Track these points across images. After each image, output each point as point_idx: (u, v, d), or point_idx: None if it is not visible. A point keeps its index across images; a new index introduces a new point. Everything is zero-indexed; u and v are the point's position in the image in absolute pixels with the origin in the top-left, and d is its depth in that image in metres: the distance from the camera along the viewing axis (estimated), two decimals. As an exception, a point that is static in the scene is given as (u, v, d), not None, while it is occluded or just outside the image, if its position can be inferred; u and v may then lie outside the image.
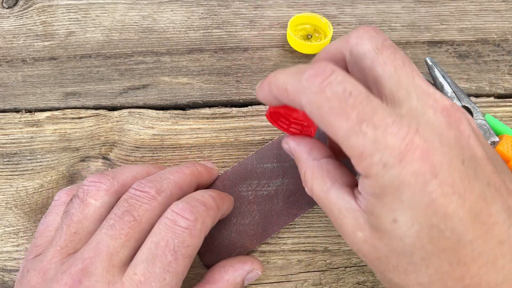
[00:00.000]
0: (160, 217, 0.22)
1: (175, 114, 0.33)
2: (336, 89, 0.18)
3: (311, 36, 0.36)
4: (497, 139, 0.31)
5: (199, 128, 0.33)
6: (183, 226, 0.22)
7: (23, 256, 0.29)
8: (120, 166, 0.31)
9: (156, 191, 0.23)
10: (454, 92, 0.32)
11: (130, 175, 0.25)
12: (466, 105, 0.32)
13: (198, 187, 0.27)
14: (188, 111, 0.33)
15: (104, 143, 0.32)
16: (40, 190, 0.31)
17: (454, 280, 0.18)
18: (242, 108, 0.34)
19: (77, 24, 0.37)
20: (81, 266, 0.21)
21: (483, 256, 0.17)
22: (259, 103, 0.34)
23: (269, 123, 0.32)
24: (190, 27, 0.37)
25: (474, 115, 0.32)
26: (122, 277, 0.21)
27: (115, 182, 0.24)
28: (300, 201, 0.29)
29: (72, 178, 0.31)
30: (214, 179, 0.29)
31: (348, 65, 0.22)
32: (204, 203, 0.23)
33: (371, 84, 0.21)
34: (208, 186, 0.29)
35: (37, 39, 0.36)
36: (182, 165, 0.27)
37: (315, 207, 0.30)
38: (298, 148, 0.24)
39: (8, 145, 0.33)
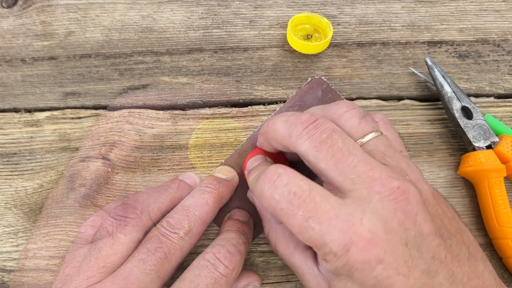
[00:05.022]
0: (199, 257, 0.24)
1: (175, 114, 0.33)
2: (281, 192, 0.21)
3: (311, 36, 0.36)
4: (496, 139, 0.31)
5: (199, 128, 0.33)
6: (223, 273, 0.23)
7: (23, 256, 0.29)
8: (120, 167, 0.31)
9: (185, 233, 0.24)
10: (454, 92, 0.32)
11: (156, 206, 0.26)
12: (466, 105, 0.32)
13: None
14: (188, 111, 0.33)
15: (104, 143, 0.32)
16: (39, 190, 0.31)
17: None
18: (242, 108, 0.34)
19: (76, 24, 0.36)
20: None
21: None
22: (259, 103, 0.34)
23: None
24: (190, 27, 0.37)
25: (474, 115, 0.32)
26: None
27: (142, 216, 0.25)
28: None
29: (71, 178, 0.31)
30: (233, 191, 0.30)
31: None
32: (239, 251, 0.25)
33: (319, 175, 0.23)
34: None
35: (36, 38, 0.36)
36: (206, 190, 0.27)
37: None
38: (262, 208, 0.26)
39: (7, 145, 0.32)
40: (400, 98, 0.35)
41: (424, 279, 0.19)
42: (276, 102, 0.34)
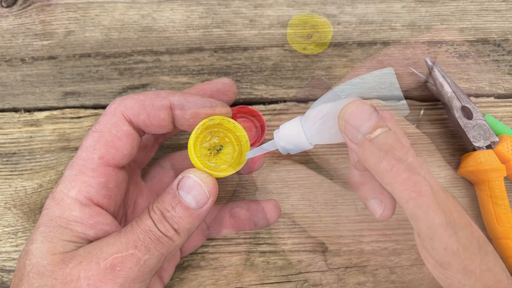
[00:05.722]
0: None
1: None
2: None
3: (311, 36, 0.36)
4: (496, 139, 0.31)
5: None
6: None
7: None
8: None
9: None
10: (454, 92, 0.32)
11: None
12: (466, 105, 0.32)
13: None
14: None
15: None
16: (39, 190, 0.31)
17: None
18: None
19: (76, 23, 0.36)
20: None
21: None
22: (259, 103, 0.34)
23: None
24: (190, 26, 0.36)
25: (474, 115, 0.32)
26: None
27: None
28: None
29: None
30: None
31: None
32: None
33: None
34: None
35: (36, 38, 0.36)
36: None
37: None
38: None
39: (7, 145, 0.32)
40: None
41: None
42: (276, 102, 0.34)
